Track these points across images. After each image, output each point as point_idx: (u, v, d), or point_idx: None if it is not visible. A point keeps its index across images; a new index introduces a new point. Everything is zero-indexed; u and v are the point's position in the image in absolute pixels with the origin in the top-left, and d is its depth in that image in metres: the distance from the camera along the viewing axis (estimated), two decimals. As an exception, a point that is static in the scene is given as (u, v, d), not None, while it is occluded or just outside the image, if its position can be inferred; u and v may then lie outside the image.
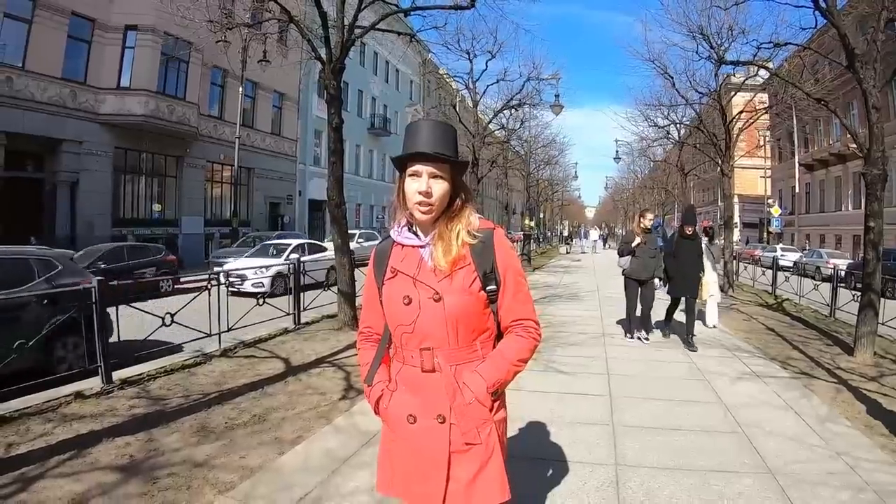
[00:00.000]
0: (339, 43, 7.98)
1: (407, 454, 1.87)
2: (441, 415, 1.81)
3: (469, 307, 1.83)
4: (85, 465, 4.13)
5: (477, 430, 1.81)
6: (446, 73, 21.17)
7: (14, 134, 17.44)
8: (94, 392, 5.82)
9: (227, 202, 27.27)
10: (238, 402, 5.62)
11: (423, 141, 1.83)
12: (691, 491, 3.72)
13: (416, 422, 1.85)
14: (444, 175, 1.83)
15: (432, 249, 1.86)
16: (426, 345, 1.83)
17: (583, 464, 4.14)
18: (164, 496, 3.64)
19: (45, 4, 18.14)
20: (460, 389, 1.82)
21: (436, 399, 1.83)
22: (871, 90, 8.01)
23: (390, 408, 1.92)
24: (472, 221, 1.89)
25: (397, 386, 1.92)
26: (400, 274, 1.88)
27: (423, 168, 1.81)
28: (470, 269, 1.83)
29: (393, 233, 1.96)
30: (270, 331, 8.87)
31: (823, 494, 3.64)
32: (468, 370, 1.83)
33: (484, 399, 1.81)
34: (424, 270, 1.85)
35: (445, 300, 1.80)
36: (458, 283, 1.82)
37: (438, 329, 1.81)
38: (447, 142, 1.86)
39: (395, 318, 1.89)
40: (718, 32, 14.00)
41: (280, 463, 4.09)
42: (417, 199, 1.81)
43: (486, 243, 1.86)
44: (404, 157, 1.84)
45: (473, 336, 1.86)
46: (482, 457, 1.81)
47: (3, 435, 4.70)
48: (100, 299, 6.06)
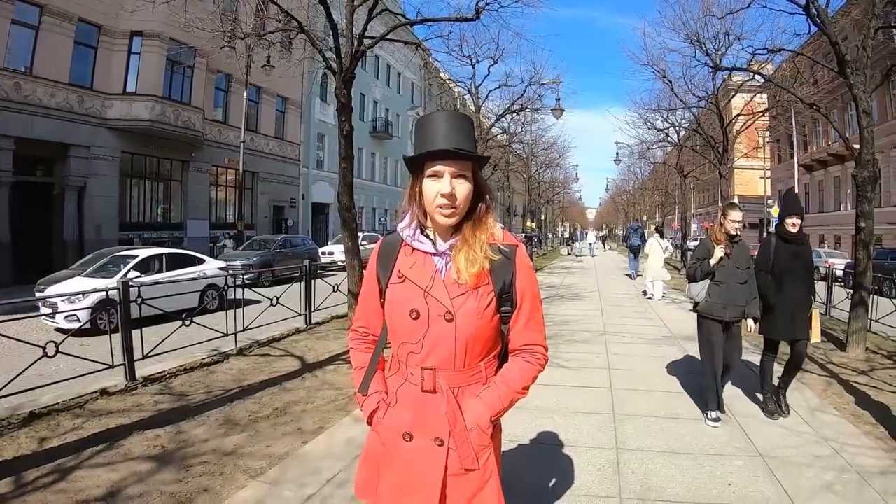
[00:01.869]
0: (349, 53, 8.27)
1: (399, 470, 1.76)
2: (440, 438, 1.71)
3: (482, 331, 1.71)
4: (118, 456, 4.40)
5: (476, 456, 1.72)
6: (449, 79, 21.46)
7: (23, 139, 17.57)
8: (118, 389, 6.11)
9: (232, 206, 27.57)
10: (259, 396, 5.92)
11: (441, 136, 1.65)
12: (685, 471, 4.04)
13: (413, 440, 1.74)
14: (468, 173, 1.68)
15: (452, 259, 1.71)
16: (429, 364, 1.72)
17: (586, 448, 4.46)
18: (198, 482, 3.92)
19: (53, 11, 18.32)
20: (461, 415, 1.72)
21: (434, 421, 1.72)
22: (862, 95, 8.30)
23: (385, 422, 1.81)
24: (497, 233, 1.76)
25: (396, 401, 1.80)
26: (409, 282, 1.74)
27: (444, 168, 1.64)
28: (488, 287, 1.71)
29: (402, 230, 1.80)
30: (283, 331, 9.17)
31: (808, 475, 3.93)
32: (470, 394, 1.75)
33: (486, 427, 1.73)
34: (438, 283, 1.70)
35: (458, 321, 1.67)
36: (474, 303, 1.69)
37: (446, 350, 1.70)
38: (467, 135, 1.70)
39: (399, 331, 1.76)
40: (715, 38, 14.33)
41: (305, 451, 4.38)
42: (440, 202, 1.64)
43: (509, 260, 1.74)
44: (421, 157, 1.68)
45: (479, 358, 1.76)
46: (480, 481, 1.73)
47: (35, 430, 4.97)
48: (124, 300, 6.35)
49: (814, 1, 8.52)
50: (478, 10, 9.72)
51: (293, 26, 9.46)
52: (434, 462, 1.71)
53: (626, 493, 3.71)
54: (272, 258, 19.35)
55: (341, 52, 8.30)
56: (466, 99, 21.38)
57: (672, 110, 21.25)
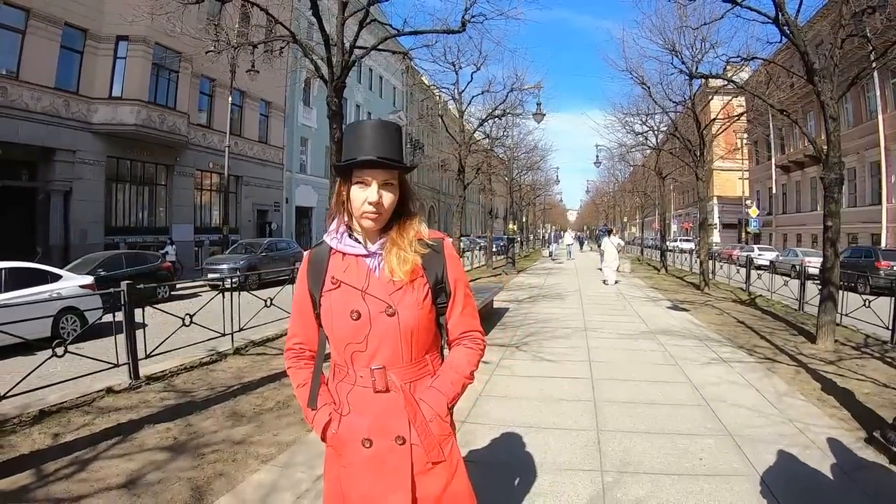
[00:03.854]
0: (339, 63, 8.58)
1: (364, 480, 1.74)
2: (400, 436, 1.72)
3: (423, 321, 1.76)
4: (133, 448, 4.66)
5: (440, 446, 1.75)
6: (433, 85, 21.79)
7: (8, 143, 17.66)
8: (123, 387, 6.35)
9: (216, 210, 27.72)
10: (260, 391, 6.22)
11: (369, 145, 1.69)
12: (661, 448, 4.45)
13: (373, 445, 1.73)
14: (394, 181, 1.73)
15: (384, 259, 1.76)
16: (377, 363, 1.72)
17: (570, 430, 4.85)
18: (213, 468, 4.22)
19: (39, 15, 18.42)
20: (419, 408, 1.75)
21: (392, 420, 1.73)
22: (829, 102, 8.75)
23: (341, 432, 1.78)
24: (423, 230, 1.83)
25: (349, 408, 1.78)
26: (344, 285, 1.76)
27: (371, 176, 1.68)
28: (422, 280, 1.76)
29: (329, 239, 1.84)
30: (276, 331, 9.43)
31: (773, 450, 4.33)
32: (421, 387, 1.78)
33: (445, 415, 1.76)
34: (374, 282, 1.74)
35: (400, 315, 1.71)
36: (412, 296, 1.74)
37: (392, 346, 1.72)
38: (395, 145, 1.73)
39: (341, 334, 1.75)
40: (692, 45, 14.78)
41: (310, 437, 4.67)
42: (367, 209, 1.69)
43: (438, 253, 1.81)
44: (349, 165, 1.70)
45: (424, 351, 1.80)
46: (447, 473, 1.76)
47: (47, 426, 5.20)
48: (129, 301, 6.61)
49: (783, 12, 8.95)
50: (464, 22, 10.15)
51: (285, 36, 9.73)
52: (400, 462, 1.72)
53: (607, 467, 4.10)
54: (258, 262, 19.54)
55: (333, 62, 8.61)
56: (450, 104, 21.73)
57: (650, 115, 21.77)
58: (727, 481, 3.84)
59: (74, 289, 10.65)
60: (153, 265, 16.31)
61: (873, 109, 29.83)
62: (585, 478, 3.93)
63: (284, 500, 3.64)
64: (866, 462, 4.18)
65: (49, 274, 10.70)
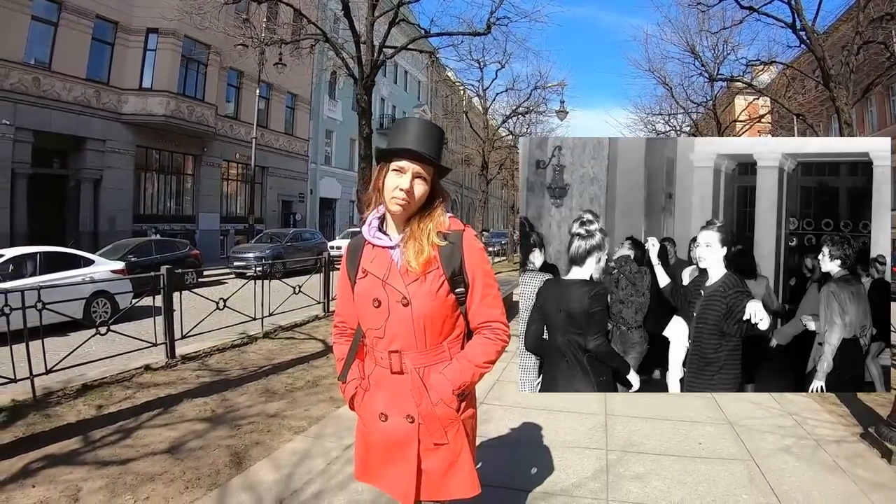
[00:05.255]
0: (369, 62, 8.91)
1: (380, 448, 1.96)
2: (410, 415, 1.88)
3: (436, 311, 1.86)
4: (174, 419, 5.07)
5: (444, 430, 1.88)
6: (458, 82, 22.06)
7: (41, 132, 18.15)
8: (160, 365, 6.80)
9: (241, 200, 28.27)
10: (290, 371, 6.64)
11: (412, 138, 1.83)
12: (663, 433, 4.77)
13: (388, 419, 1.92)
14: (427, 177, 1.86)
15: (402, 250, 1.88)
16: (394, 347, 1.88)
17: (579, 413, 5.17)
18: (250, 437, 4.61)
19: (71, 8, 18.89)
20: (426, 392, 1.88)
21: (404, 399, 1.90)
22: (844, 107, 8.95)
23: (363, 405, 2.01)
24: (443, 221, 1.91)
25: (370, 385, 1.99)
26: (370, 275, 1.91)
27: (408, 165, 1.82)
28: (438, 272, 1.86)
29: (364, 231, 1.99)
30: (303, 317, 9.86)
31: (770, 439, 4.61)
32: (435, 372, 1.89)
33: (449, 401, 1.87)
34: (394, 273, 1.87)
35: (413, 305, 1.83)
36: (427, 287, 1.84)
37: (406, 333, 1.86)
38: (435, 144, 1.88)
39: (365, 319, 1.95)
40: (713, 47, 14.94)
41: (339, 413, 5.06)
42: (396, 195, 1.82)
43: (455, 245, 1.88)
44: (390, 152, 1.85)
45: (441, 338, 1.91)
46: (451, 455, 1.90)
47: (90, 399, 5.62)
48: (167, 284, 7.03)
49: (801, 18, 9.14)
50: (489, 25, 10.49)
51: (316, 35, 10.07)
52: (408, 438, 1.89)
53: (612, 447, 4.43)
54: (283, 251, 19.96)
55: (362, 61, 8.93)
56: (474, 100, 22.01)
57: (673, 115, 21.86)
58: (723, 464, 4.15)
59: (106, 273, 11.08)
60: (182, 252, 16.79)
61: (896, 114, 29.55)
62: (591, 455, 4.27)
63: (317, 465, 4.01)
64: (857, 454, 4.41)
65: (82, 259, 11.19)
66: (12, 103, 17.21)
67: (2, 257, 9.83)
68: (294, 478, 3.81)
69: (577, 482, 3.81)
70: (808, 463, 4.20)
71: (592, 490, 3.70)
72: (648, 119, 24.33)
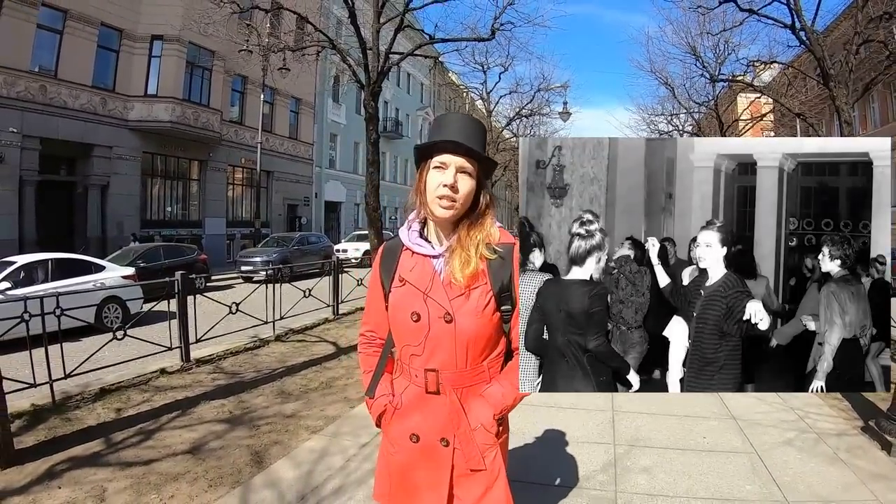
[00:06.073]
0: (375, 68, 9.06)
1: (409, 471, 1.82)
2: (445, 438, 1.75)
3: (482, 330, 1.72)
4: (193, 420, 5.22)
5: (482, 455, 1.74)
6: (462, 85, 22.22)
7: (48, 139, 18.28)
8: (175, 369, 6.95)
9: (247, 204, 28.45)
10: (304, 373, 6.80)
11: (453, 131, 1.70)
12: (669, 428, 4.92)
13: (420, 441, 1.78)
14: (472, 172, 1.70)
15: (447, 260, 1.74)
16: (432, 366, 1.74)
17: (587, 410, 5.32)
18: (269, 437, 4.76)
19: (76, 16, 19.01)
20: (465, 415, 1.75)
21: (439, 421, 1.76)
22: (844, 106, 9.05)
23: (393, 424, 1.85)
24: (493, 233, 1.77)
25: (402, 403, 1.83)
26: (409, 285, 1.76)
27: (451, 159, 1.67)
28: (486, 287, 1.72)
29: (403, 235, 1.84)
30: (313, 320, 10.03)
31: (773, 433, 4.75)
32: (473, 394, 1.77)
33: (490, 426, 1.75)
34: (437, 285, 1.73)
35: (458, 322, 1.69)
36: (473, 303, 1.70)
37: (447, 351, 1.72)
38: (478, 138, 1.74)
39: (401, 333, 1.80)
40: (715, 47, 15.07)
41: (354, 412, 5.22)
42: (441, 193, 1.66)
43: (505, 259, 1.74)
44: (431, 146, 1.71)
45: (482, 358, 1.77)
46: (487, 481, 1.76)
47: (109, 403, 5.77)
48: (182, 289, 7.18)
49: (800, 19, 9.26)
50: (493, 30, 10.65)
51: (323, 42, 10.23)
52: (441, 463, 1.75)
53: (619, 441, 4.59)
54: (290, 255, 20.12)
55: (369, 67, 9.08)
56: (478, 103, 22.18)
57: (675, 114, 21.99)
58: (727, 457, 4.29)
59: (117, 279, 11.23)
60: (190, 257, 16.91)
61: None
62: (600, 449, 4.42)
63: (335, 462, 4.17)
64: (858, 447, 4.54)
65: (93, 265, 11.37)
66: (20, 111, 17.35)
67: (14, 264, 9.92)
68: (314, 475, 3.97)
69: (587, 475, 3.97)
70: (810, 455, 4.33)
71: (601, 482, 3.85)
72: (651, 119, 24.53)
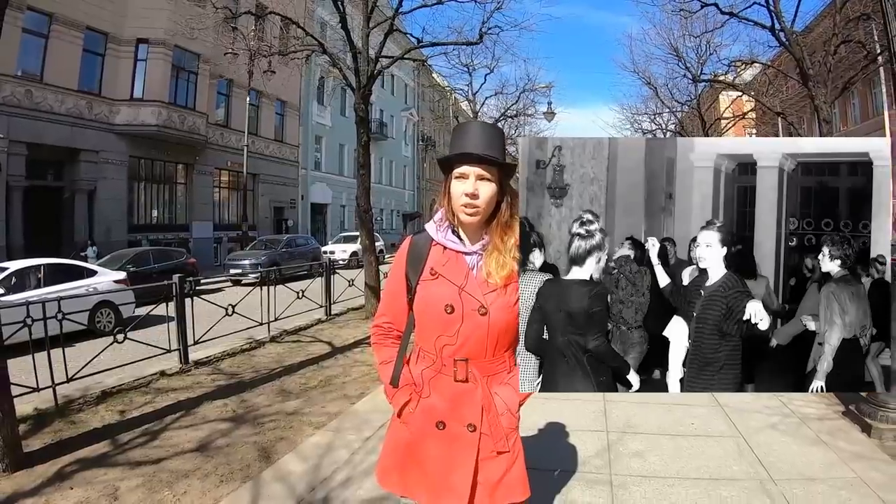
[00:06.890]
0: (365, 72, 9.21)
1: (432, 457, 1.88)
2: (472, 424, 1.83)
3: (511, 323, 1.84)
4: (198, 420, 5.35)
5: (506, 438, 1.85)
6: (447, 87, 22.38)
7: (35, 144, 18.18)
8: (175, 371, 7.06)
9: (234, 207, 28.44)
10: (302, 372, 6.95)
11: (471, 142, 1.78)
12: (658, 415, 5.13)
13: (446, 428, 1.85)
14: (492, 178, 1.78)
15: (482, 260, 1.84)
16: (462, 355, 1.83)
17: (581, 400, 5.47)
18: (273, 434, 4.91)
19: (61, 20, 18.90)
20: (493, 401, 1.86)
21: (467, 408, 1.84)
22: (823, 105, 9.33)
23: (417, 412, 1.90)
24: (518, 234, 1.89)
25: (430, 392, 1.89)
26: (442, 278, 1.84)
27: (470, 169, 1.76)
28: (516, 286, 1.83)
29: (432, 230, 1.92)
30: (306, 321, 10.16)
31: (758, 418, 4.98)
32: (497, 382, 1.88)
33: (515, 411, 1.87)
34: (472, 281, 1.82)
35: (492, 315, 1.80)
36: (504, 298, 1.81)
37: (478, 342, 1.82)
38: (496, 144, 1.82)
39: (433, 325, 1.86)
40: (696, 48, 15.35)
41: (355, 409, 5.39)
42: (464, 202, 1.76)
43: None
44: (451, 158, 1.81)
45: (505, 348, 1.89)
46: (509, 461, 1.85)
47: (111, 405, 5.87)
48: (180, 292, 7.30)
49: (780, 20, 9.52)
50: (481, 34, 10.84)
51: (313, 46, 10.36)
52: (467, 447, 1.82)
53: (611, 428, 4.80)
54: (279, 257, 20.17)
55: (359, 71, 9.22)
56: (463, 105, 22.37)
57: (658, 114, 22.28)
58: (715, 441, 4.51)
59: (109, 284, 11.31)
60: (179, 261, 16.93)
61: (879, 106, 30.08)
62: (593, 436, 4.62)
63: (341, 456, 4.32)
64: (839, 429, 4.77)
65: (85, 270, 11.48)
66: (6, 116, 17.25)
67: (6, 270, 9.95)
68: (321, 468, 4.11)
69: (583, 460, 4.16)
70: (793, 437, 4.55)
71: (597, 466, 4.05)
72: (635, 118, 24.83)
